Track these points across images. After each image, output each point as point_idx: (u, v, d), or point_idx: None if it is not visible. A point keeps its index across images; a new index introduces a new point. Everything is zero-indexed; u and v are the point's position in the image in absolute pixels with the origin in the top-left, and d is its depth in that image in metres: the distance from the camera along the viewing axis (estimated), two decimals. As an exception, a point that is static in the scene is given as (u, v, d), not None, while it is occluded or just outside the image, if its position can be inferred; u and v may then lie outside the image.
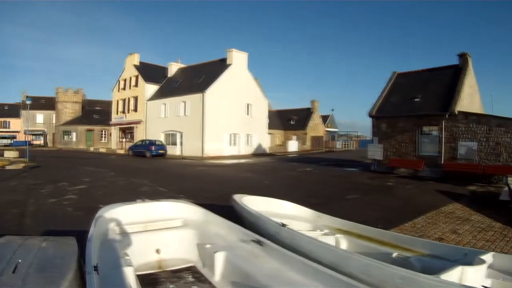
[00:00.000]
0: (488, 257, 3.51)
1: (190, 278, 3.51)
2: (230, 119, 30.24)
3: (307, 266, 2.97)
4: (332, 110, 71.91)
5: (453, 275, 3.16)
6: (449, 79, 17.27)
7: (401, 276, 2.92)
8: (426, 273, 3.17)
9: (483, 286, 2.64)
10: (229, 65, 30.99)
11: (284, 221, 4.41)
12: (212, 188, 11.49)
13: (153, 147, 26.91)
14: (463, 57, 17.56)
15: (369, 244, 4.56)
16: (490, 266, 3.45)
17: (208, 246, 3.81)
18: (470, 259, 3.55)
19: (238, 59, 31.68)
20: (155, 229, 4.18)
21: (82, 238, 3.25)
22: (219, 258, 3.49)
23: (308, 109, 47.64)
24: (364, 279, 3.03)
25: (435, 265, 3.66)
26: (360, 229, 4.91)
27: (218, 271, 3.48)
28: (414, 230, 6.89)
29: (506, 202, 9.32)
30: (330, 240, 4.66)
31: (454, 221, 7.73)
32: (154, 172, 16.05)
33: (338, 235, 4.88)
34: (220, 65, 31.48)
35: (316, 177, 15.87)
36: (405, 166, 17.04)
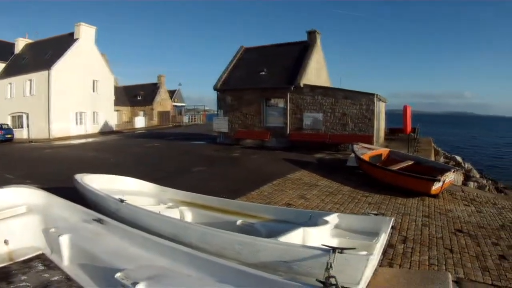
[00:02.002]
0: (333, 218, 3.89)
1: (41, 267, 3.58)
2: (77, 97, 30.74)
3: (147, 239, 3.17)
4: (180, 84, 74.37)
5: (295, 236, 3.36)
6: (297, 54, 19.14)
7: (239, 242, 3.11)
8: (270, 237, 3.30)
9: (322, 244, 2.79)
10: (77, 39, 31.37)
11: (128, 197, 4.55)
12: (59, 170, 11.63)
13: (0, 131, 26.63)
14: (312, 34, 19.58)
15: (214, 214, 4.72)
16: (336, 226, 3.83)
17: (52, 230, 3.85)
18: (315, 221, 3.86)
19: (86, 33, 32.22)
20: (0, 219, 4.18)
21: None
22: (64, 242, 3.57)
23: (155, 84, 48.29)
24: (204, 247, 3.20)
25: (280, 229, 3.86)
26: (204, 199, 5.13)
27: (65, 255, 3.55)
28: (261, 198, 7.32)
29: (354, 168, 10.68)
30: (174, 213, 4.82)
31: (302, 187, 8.60)
32: (0, 159, 15.97)
33: (183, 207, 5.05)
34: (68, 40, 31.59)
35: (163, 152, 16.67)
36: (252, 137, 18.31)
